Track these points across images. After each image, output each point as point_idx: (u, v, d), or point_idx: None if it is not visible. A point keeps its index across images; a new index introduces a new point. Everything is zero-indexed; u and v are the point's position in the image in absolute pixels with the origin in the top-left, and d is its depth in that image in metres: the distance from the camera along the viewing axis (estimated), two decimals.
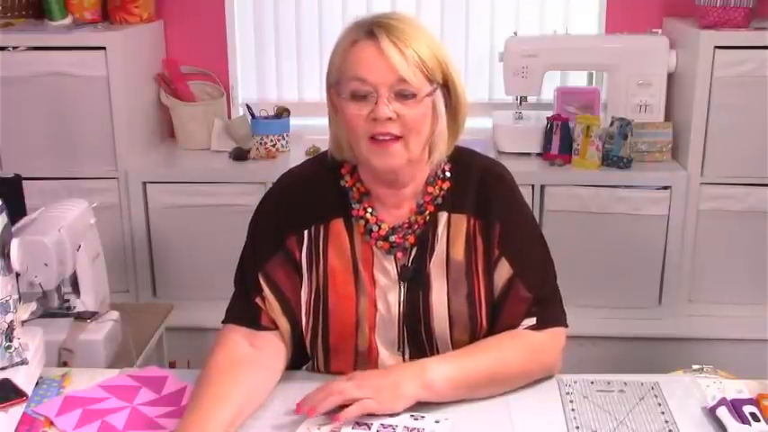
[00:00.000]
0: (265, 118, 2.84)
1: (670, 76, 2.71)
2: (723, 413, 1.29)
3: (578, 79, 3.02)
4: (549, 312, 1.45)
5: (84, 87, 2.58)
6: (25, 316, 1.42)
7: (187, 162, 2.80)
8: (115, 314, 1.97)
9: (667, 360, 2.11)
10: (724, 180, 2.60)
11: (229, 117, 2.98)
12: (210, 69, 2.96)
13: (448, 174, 1.47)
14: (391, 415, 1.29)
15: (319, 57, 3.01)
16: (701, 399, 1.37)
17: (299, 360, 1.50)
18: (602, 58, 2.74)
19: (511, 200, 1.48)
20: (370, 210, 1.45)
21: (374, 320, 1.43)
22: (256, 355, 1.40)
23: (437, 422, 1.28)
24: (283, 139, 2.84)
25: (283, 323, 1.44)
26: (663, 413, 1.33)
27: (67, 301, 1.95)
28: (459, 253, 1.44)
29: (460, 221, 1.45)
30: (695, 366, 1.54)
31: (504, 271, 1.43)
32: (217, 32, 2.97)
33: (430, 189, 1.46)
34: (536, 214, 2.58)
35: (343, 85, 1.36)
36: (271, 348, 1.43)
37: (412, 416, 1.29)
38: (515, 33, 2.79)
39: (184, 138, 2.90)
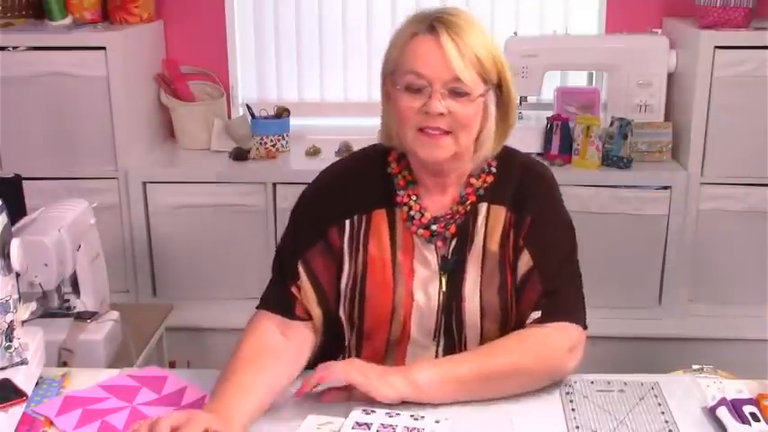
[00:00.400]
0: (265, 118, 2.84)
1: (670, 76, 2.71)
2: (723, 413, 1.29)
3: (578, 79, 3.02)
4: (558, 306, 1.42)
5: (84, 87, 2.58)
6: (25, 316, 1.42)
7: (187, 162, 2.80)
8: (115, 314, 1.97)
9: (667, 360, 2.11)
10: (724, 180, 2.59)
11: (229, 117, 2.98)
12: (210, 69, 2.96)
13: (493, 169, 1.49)
14: (390, 416, 1.29)
15: (319, 57, 3.01)
16: (701, 399, 1.37)
17: (333, 351, 1.52)
18: (602, 58, 2.74)
19: (546, 197, 1.49)
20: (414, 197, 1.48)
21: (410, 309, 1.45)
22: (285, 347, 1.42)
23: (437, 422, 1.28)
24: (283, 139, 2.84)
25: (317, 312, 1.46)
26: (663, 413, 1.33)
27: (67, 301, 1.95)
28: (494, 244, 1.45)
29: (499, 213, 1.47)
30: (695, 366, 1.54)
31: (524, 262, 1.44)
32: (217, 32, 2.97)
33: (473, 181, 1.48)
34: None
35: (398, 77, 1.39)
36: (300, 340, 1.45)
37: (412, 416, 1.29)
38: (515, 33, 2.79)
39: (184, 138, 2.90)
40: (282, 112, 2.88)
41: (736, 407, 1.29)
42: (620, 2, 2.87)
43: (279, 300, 1.47)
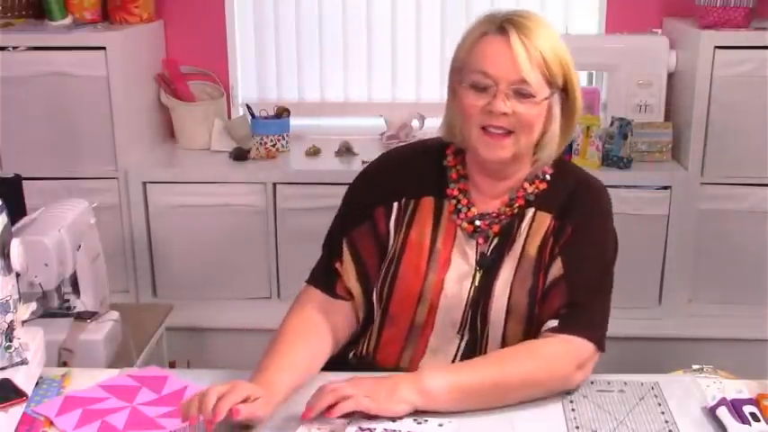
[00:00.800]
0: (265, 118, 2.84)
1: (670, 76, 2.71)
2: (723, 413, 1.29)
3: (579, 79, 3.01)
4: (577, 319, 1.40)
5: (84, 87, 2.58)
6: (25, 316, 1.42)
7: (187, 162, 2.80)
8: (115, 314, 1.97)
9: (667, 360, 2.10)
10: (724, 180, 2.60)
11: (229, 117, 2.98)
12: (210, 69, 2.96)
13: (548, 177, 1.50)
14: (393, 420, 1.27)
15: (319, 57, 3.01)
16: (701, 399, 1.37)
17: (358, 335, 1.55)
18: (602, 58, 2.74)
19: (593, 211, 1.48)
20: (464, 192, 1.49)
21: (438, 298, 1.46)
22: (325, 325, 1.47)
23: (440, 426, 1.27)
24: (283, 139, 2.84)
25: (356, 288, 1.51)
26: (663, 413, 1.33)
27: (67, 301, 1.95)
28: (533, 249, 1.46)
29: (544, 219, 1.47)
30: (695, 366, 1.54)
31: (555, 270, 1.44)
32: (217, 32, 2.97)
33: (526, 185, 1.49)
34: None
35: (465, 75, 1.41)
36: (339, 319, 1.50)
37: (415, 420, 1.28)
38: None
39: (184, 138, 2.90)
40: (282, 112, 2.88)
41: (736, 407, 1.29)
42: (620, 2, 2.87)
43: (323, 276, 1.53)
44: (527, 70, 1.36)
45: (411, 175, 1.53)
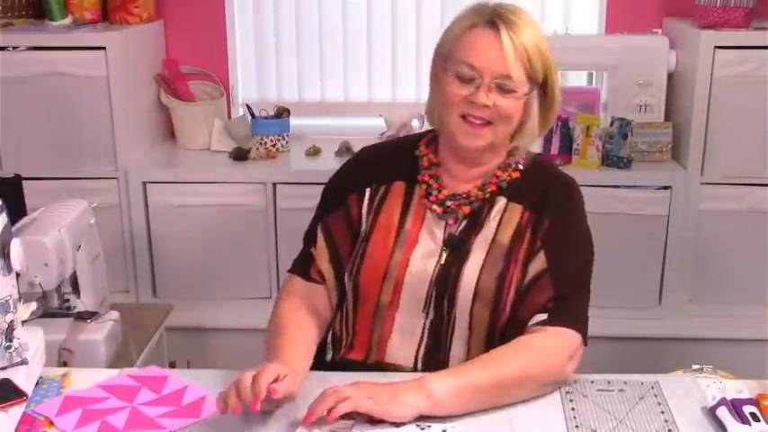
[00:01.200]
0: (265, 118, 2.84)
1: (670, 76, 2.71)
2: (723, 413, 1.29)
3: (578, 79, 3.02)
4: (565, 312, 1.44)
5: (84, 87, 2.58)
6: (25, 316, 1.42)
7: (187, 162, 2.80)
8: (115, 314, 1.97)
9: (667, 360, 2.11)
10: (724, 180, 2.60)
11: (229, 117, 2.98)
12: (210, 69, 2.96)
13: (520, 166, 1.54)
14: (397, 425, 1.27)
15: (319, 57, 3.01)
16: (700, 399, 1.37)
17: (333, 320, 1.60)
18: (602, 58, 2.74)
19: (569, 205, 1.53)
20: (435, 178, 1.55)
21: (403, 277, 1.48)
22: (312, 308, 1.55)
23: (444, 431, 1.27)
24: (283, 139, 2.84)
25: (328, 270, 1.57)
26: (663, 413, 1.33)
27: (67, 301, 1.95)
28: (505, 237, 1.49)
29: (515, 211, 1.50)
30: (695, 366, 1.54)
31: (538, 264, 1.47)
32: (217, 32, 2.97)
33: (498, 173, 1.53)
34: None
35: (451, 63, 1.45)
36: (320, 301, 1.57)
37: (418, 425, 1.28)
38: None
39: (184, 138, 2.90)
40: (282, 112, 2.88)
41: (736, 407, 1.29)
42: (620, 2, 2.88)
43: (300, 263, 1.61)
44: (512, 66, 1.41)
45: (384, 164, 1.59)
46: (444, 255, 1.49)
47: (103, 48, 2.56)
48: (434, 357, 1.49)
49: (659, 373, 1.47)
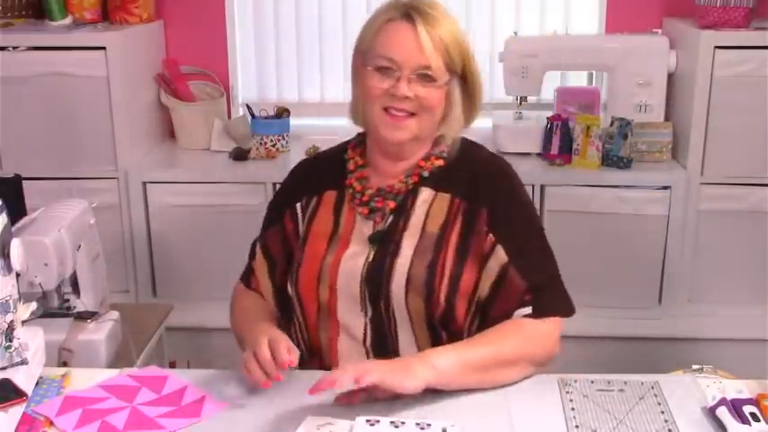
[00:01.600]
0: (265, 118, 2.84)
1: (670, 76, 2.71)
2: (723, 413, 1.29)
3: (578, 79, 3.02)
4: (546, 301, 1.47)
5: (84, 87, 2.58)
6: (25, 316, 1.42)
7: (187, 162, 2.80)
8: (115, 314, 1.97)
9: (667, 360, 2.11)
10: (724, 180, 2.60)
11: (229, 117, 2.98)
12: (210, 69, 2.96)
13: (444, 154, 1.55)
14: (396, 426, 1.27)
15: (319, 57, 3.01)
16: (700, 399, 1.37)
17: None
18: (602, 58, 2.74)
19: (503, 188, 1.53)
20: (360, 180, 1.57)
21: (336, 277, 1.51)
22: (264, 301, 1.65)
23: (444, 430, 1.27)
24: (283, 139, 2.84)
25: (266, 283, 1.64)
26: (662, 413, 1.33)
27: (67, 301, 1.95)
28: (434, 227, 1.50)
29: (443, 201, 1.52)
30: (695, 366, 1.54)
31: (499, 258, 1.47)
32: (217, 32, 2.97)
33: (421, 163, 1.54)
34: None
35: (370, 58, 1.48)
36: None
37: (417, 424, 1.28)
38: (515, 33, 2.79)
39: (184, 138, 2.90)
40: (282, 112, 2.88)
41: (736, 407, 1.29)
42: (620, 2, 2.87)
43: (246, 273, 1.69)
44: (430, 56, 1.44)
45: (314, 176, 1.63)
46: (372, 252, 1.51)
47: (103, 48, 2.56)
48: (384, 353, 1.50)
49: (659, 373, 1.48)
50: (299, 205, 1.61)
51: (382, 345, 1.51)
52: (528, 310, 1.46)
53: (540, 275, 1.48)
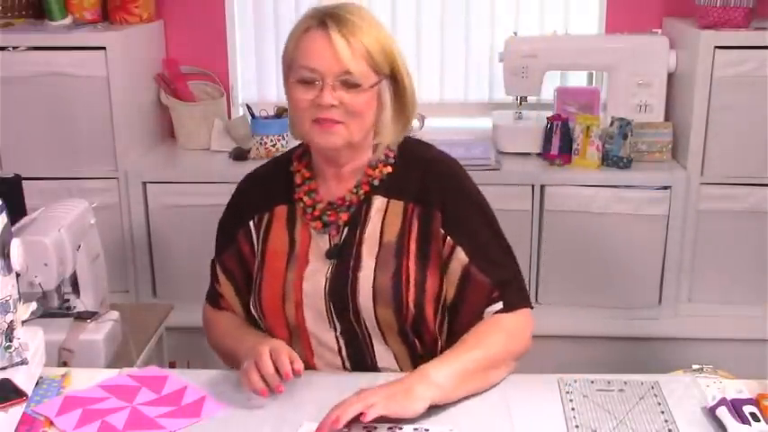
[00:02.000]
0: (265, 118, 2.84)
1: (670, 76, 2.71)
2: (723, 413, 1.29)
3: (578, 79, 3.02)
4: (513, 295, 1.48)
5: (84, 87, 2.58)
6: (25, 316, 1.42)
7: (187, 162, 2.80)
8: (115, 314, 1.97)
9: (667, 360, 2.11)
10: (724, 180, 2.59)
11: (229, 117, 2.98)
12: (210, 69, 2.96)
13: (392, 160, 1.54)
14: (401, 421, 1.27)
15: None
16: (700, 399, 1.37)
17: None
18: (602, 58, 2.74)
19: (455, 188, 1.52)
20: (309, 192, 1.55)
21: (300, 295, 1.50)
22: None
23: None
24: (283, 139, 2.83)
25: (237, 306, 1.63)
26: (662, 413, 1.33)
27: (67, 301, 1.95)
28: (392, 235, 1.49)
29: (397, 208, 1.51)
30: (695, 366, 1.54)
31: (460, 259, 1.48)
32: (217, 32, 2.97)
33: (370, 171, 1.53)
34: (536, 214, 2.58)
35: (293, 70, 1.46)
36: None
37: (415, 429, 1.28)
38: (515, 33, 2.79)
39: (184, 138, 2.90)
40: (282, 112, 2.87)
41: (736, 407, 1.29)
42: (620, 2, 2.87)
43: (212, 295, 1.68)
44: (349, 61, 1.40)
45: (262, 191, 1.60)
46: (331, 267, 1.50)
47: (103, 48, 2.56)
48: (362, 364, 1.51)
49: (659, 373, 1.48)
50: (251, 223, 1.58)
51: (360, 355, 1.51)
52: (499, 306, 1.47)
53: (502, 271, 1.49)
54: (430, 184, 1.51)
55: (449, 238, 1.48)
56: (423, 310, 1.47)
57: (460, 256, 1.48)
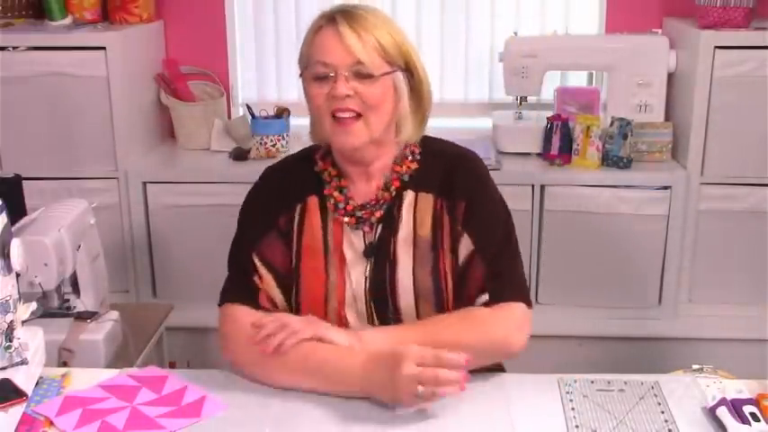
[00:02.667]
0: (265, 118, 2.84)
1: (670, 76, 2.71)
2: (723, 413, 1.29)
3: (578, 79, 3.02)
4: (503, 288, 1.48)
5: (84, 87, 2.58)
6: (25, 316, 1.42)
7: (187, 162, 2.80)
8: (115, 314, 1.97)
9: (667, 360, 2.11)
10: (724, 180, 2.59)
11: (229, 117, 2.98)
12: (210, 69, 2.96)
13: (417, 156, 1.55)
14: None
15: None
16: (701, 399, 1.37)
17: None
18: (602, 58, 2.74)
19: (476, 181, 1.54)
20: (339, 189, 1.54)
21: (343, 295, 1.50)
22: None
23: None
24: (283, 139, 2.83)
25: (279, 296, 1.53)
26: (663, 413, 1.33)
27: (67, 301, 1.95)
28: (425, 230, 1.50)
29: (427, 201, 1.52)
30: (695, 366, 1.54)
31: (465, 246, 1.49)
32: (217, 32, 2.97)
33: (397, 168, 1.54)
34: (536, 214, 2.58)
35: (309, 69, 1.47)
36: None
37: None
38: (515, 33, 2.79)
39: (184, 138, 2.90)
40: (282, 112, 2.87)
41: (736, 407, 1.29)
42: (620, 2, 2.87)
43: (243, 291, 1.52)
44: (360, 51, 1.42)
45: (292, 182, 1.58)
46: (369, 266, 1.51)
47: (103, 48, 2.56)
48: None
49: (659, 373, 1.48)
50: (297, 207, 1.55)
51: None
52: (485, 297, 1.47)
53: (500, 263, 1.49)
54: (454, 176, 1.52)
55: (460, 227, 1.49)
56: (462, 302, 1.49)
57: (467, 243, 1.49)
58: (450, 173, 1.53)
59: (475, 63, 3.00)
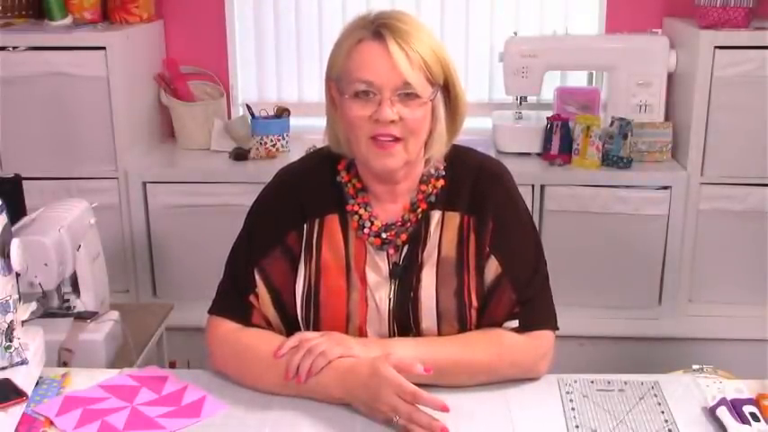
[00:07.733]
0: (265, 118, 2.84)
1: (670, 76, 2.71)
2: (723, 413, 1.29)
3: (578, 79, 3.02)
4: (534, 315, 1.44)
5: (84, 87, 2.58)
6: (25, 316, 1.42)
7: (187, 162, 2.80)
8: (115, 314, 1.97)
9: (667, 360, 2.11)
10: (724, 180, 2.60)
11: (229, 117, 2.98)
12: (210, 69, 2.96)
13: (442, 172, 1.48)
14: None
15: (319, 57, 3.01)
16: (700, 399, 1.37)
17: None
18: (602, 58, 2.74)
19: (506, 198, 1.48)
20: (364, 205, 1.47)
21: (365, 316, 1.45)
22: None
23: None
24: (283, 139, 2.84)
25: (274, 315, 1.47)
26: (662, 413, 1.33)
27: (67, 301, 1.95)
28: (450, 250, 1.45)
29: (453, 219, 1.46)
30: (695, 366, 1.54)
31: (492, 269, 1.44)
32: (217, 32, 2.97)
33: (423, 187, 1.47)
34: (536, 214, 2.58)
35: (346, 84, 1.38)
36: None
37: None
38: (515, 33, 2.79)
39: (184, 138, 2.90)
40: (282, 112, 2.88)
41: (736, 407, 1.29)
42: (620, 2, 2.87)
43: (236, 308, 1.49)
44: (408, 72, 1.34)
45: (310, 193, 1.49)
46: (393, 287, 1.45)
47: (103, 48, 2.56)
48: None
49: (659, 373, 1.48)
50: (306, 226, 1.47)
51: None
52: (515, 323, 1.43)
53: (530, 290, 1.44)
54: (484, 192, 1.46)
55: (487, 247, 1.44)
56: (486, 323, 1.45)
57: (494, 265, 1.44)
58: (477, 188, 1.46)
59: (475, 63, 3.00)
